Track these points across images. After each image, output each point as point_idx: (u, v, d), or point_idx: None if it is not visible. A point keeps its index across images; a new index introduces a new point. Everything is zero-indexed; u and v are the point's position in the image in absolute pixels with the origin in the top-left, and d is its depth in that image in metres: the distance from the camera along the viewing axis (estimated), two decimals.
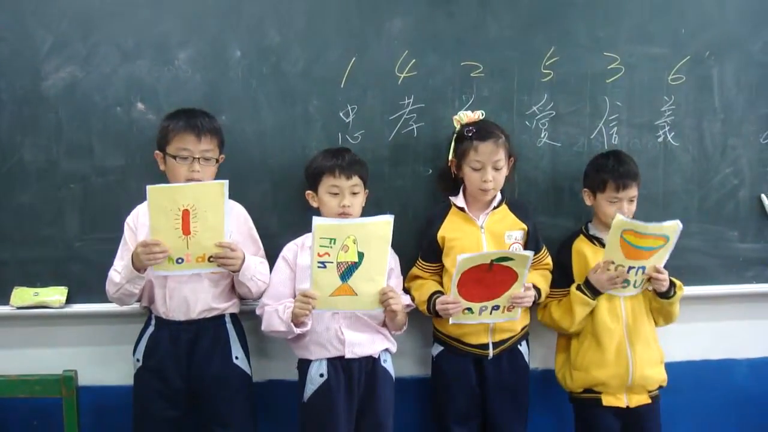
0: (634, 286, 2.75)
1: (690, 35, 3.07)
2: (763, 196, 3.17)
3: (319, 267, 2.43)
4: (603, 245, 2.76)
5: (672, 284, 2.76)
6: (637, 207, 2.82)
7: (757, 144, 3.17)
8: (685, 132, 3.11)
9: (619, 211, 2.68)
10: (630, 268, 2.68)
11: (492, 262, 2.53)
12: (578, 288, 2.77)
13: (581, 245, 2.87)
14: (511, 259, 2.55)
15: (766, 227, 3.20)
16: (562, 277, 2.85)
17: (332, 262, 2.43)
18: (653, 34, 3.05)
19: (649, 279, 2.72)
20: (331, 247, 2.41)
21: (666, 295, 2.76)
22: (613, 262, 2.67)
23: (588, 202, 2.87)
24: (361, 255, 2.44)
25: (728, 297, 3.22)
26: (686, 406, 3.13)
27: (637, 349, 2.77)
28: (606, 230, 2.71)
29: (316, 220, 2.40)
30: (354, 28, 2.88)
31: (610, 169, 2.79)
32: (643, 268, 2.69)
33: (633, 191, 2.77)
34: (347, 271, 2.45)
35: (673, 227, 2.61)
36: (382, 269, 2.50)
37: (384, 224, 2.45)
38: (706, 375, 3.24)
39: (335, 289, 2.47)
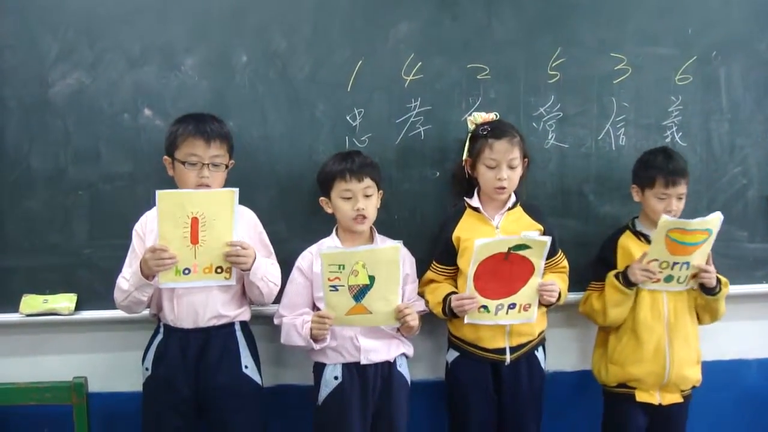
0: (678, 282, 2.74)
1: (696, 35, 3.07)
2: None
3: (331, 290, 2.44)
4: (650, 241, 2.74)
5: (717, 281, 2.76)
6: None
7: (765, 144, 3.17)
8: (692, 132, 3.11)
9: (667, 208, 2.70)
10: (675, 263, 2.68)
11: (509, 251, 2.53)
12: (616, 275, 2.78)
13: (627, 241, 2.86)
14: (528, 247, 2.55)
15: None
16: (604, 271, 2.84)
17: (344, 286, 2.44)
18: (660, 35, 3.05)
19: (695, 275, 2.72)
20: (340, 272, 2.42)
21: (712, 291, 2.76)
22: (656, 260, 2.67)
23: (636, 198, 2.87)
24: (372, 278, 2.44)
25: (738, 297, 3.18)
26: (697, 407, 3.10)
27: (676, 347, 2.77)
28: (653, 226, 2.71)
29: (323, 251, 2.44)
30: (360, 31, 2.88)
31: (659, 166, 2.78)
32: (687, 263, 2.69)
33: (682, 188, 2.77)
34: (360, 292, 2.45)
35: (715, 220, 2.63)
36: (395, 289, 2.49)
37: (392, 250, 2.47)
38: (717, 375, 3.21)
39: (349, 309, 2.47)
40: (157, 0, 2.78)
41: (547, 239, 2.56)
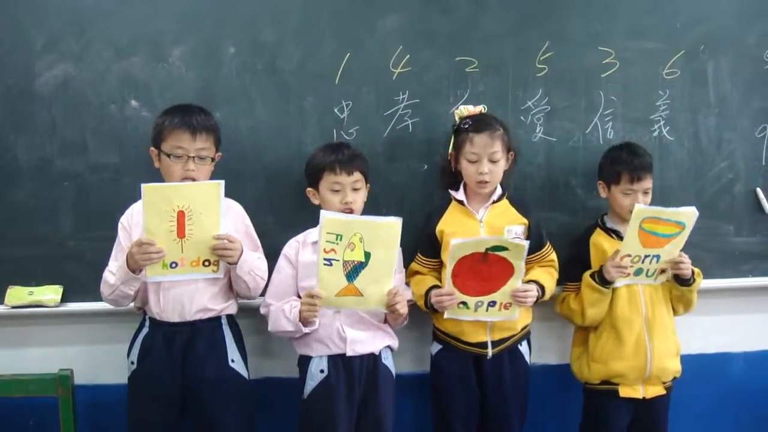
0: (647, 275, 2.76)
1: (684, 29, 3.08)
2: (758, 190, 3.18)
3: (325, 264, 2.41)
4: (620, 237, 2.76)
5: (691, 271, 2.78)
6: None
7: (752, 138, 3.18)
8: (680, 126, 3.12)
9: (634, 204, 2.68)
10: (645, 257, 2.69)
11: (486, 251, 2.53)
12: (591, 275, 2.79)
13: (599, 238, 2.87)
14: (506, 249, 2.54)
15: (761, 221, 3.22)
16: (580, 270, 2.85)
17: (338, 260, 2.41)
18: (648, 29, 3.06)
19: (663, 270, 2.74)
20: (337, 243, 2.39)
21: (687, 282, 2.78)
22: (629, 255, 2.69)
23: (603, 194, 2.88)
24: (367, 255, 2.42)
25: (724, 291, 3.22)
26: (683, 400, 3.11)
27: (655, 340, 2.79)
28: (622, 222, 2.72)
29: (325, 214, 2.39)
30: (348, 24, 2.88)
31: (624, 161, 2.79)
32: (658, 256, 2.70)
33: (647, 183, 2.78)
34: (353, 270, 2.43)
35: (689, 214, 2.64)
36: (389, 271, 2.46)
37: (392, 225, 2.42)
38: (703, 369, 3.24)
39: (341, 289, 2.45)
40: None
41: (525, 243, 2.55)
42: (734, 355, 3.33)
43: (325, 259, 2.41)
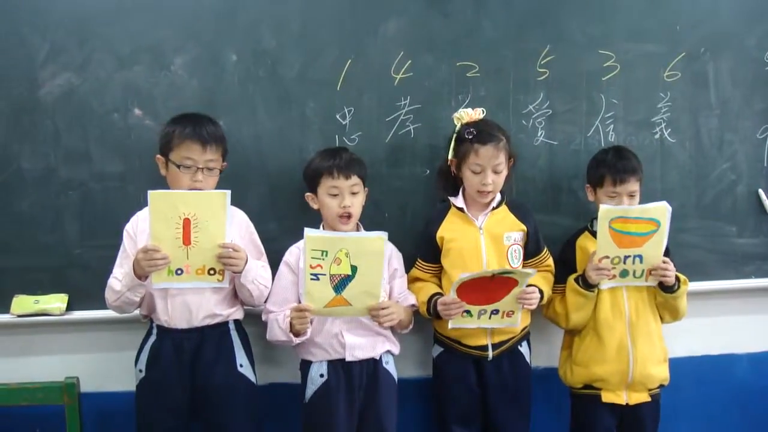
0: (635, 276, 2.74)
1: (685, 31, 3.08)
2: (760, 191, 3.18)
3: (312, 279, 2.42)
4: None
5: (676, 278, 2.75)
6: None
7: (754, 139, 3.18)
8: (681, 128, 3.12)
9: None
10: (626, 257, 2.68)
11: (493, 276, 2.53)
12: (575, 278, 2.78)
13: (585, 241, 2.86)
14: (511, 272, 2.55)
15: (764, 222, 3.21)
16: (566, 273, 2.84)
17: (325, 275, 2.42)
18: (648, 31, 3.06)
19: (651, 272, 2.71)
20: (323, 259, 2.40)
21: (670, 289, 2.75)
22: (608, 257, 2.68)
23: (590, 197, 2.88)
24: (354, 268, 2.42)
25: (727, 292, 3.23)
26: (687, 402, 3.13)
27: (638, 345, 2.77)
28: None
29: (308, 232, 2.40)
30: (349, 30, 2.89)
31: (608, 164, 2.79)
32: (640, 256, 2.68)
33: (632, 186, 2.76)
34: (340, 283, 2.43)
35: (660, 209, 2.62)
36: (377, 283, 2.47)
37: (376, 240, 2.43)
38: (707, 370, 3.25)
39: (329, 300, 2.45)
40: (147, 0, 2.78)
41: (532, 272, 2.56)
42: (738, 357, 3.32)
43: (311, 275, 2.41)
